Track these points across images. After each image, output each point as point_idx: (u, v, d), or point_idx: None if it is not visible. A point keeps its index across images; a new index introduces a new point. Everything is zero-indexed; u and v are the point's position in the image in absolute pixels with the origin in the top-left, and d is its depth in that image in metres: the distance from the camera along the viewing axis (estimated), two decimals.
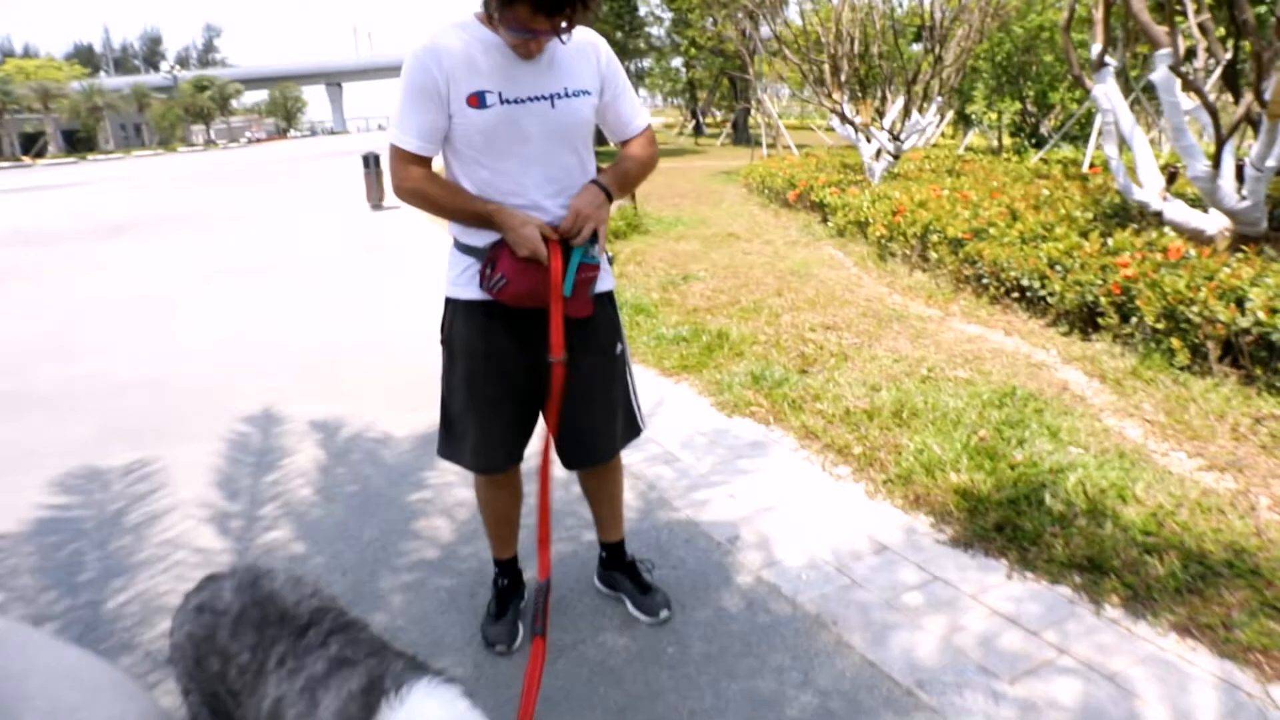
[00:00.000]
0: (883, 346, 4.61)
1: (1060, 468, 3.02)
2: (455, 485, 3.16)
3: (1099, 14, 5.72)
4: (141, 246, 10.43)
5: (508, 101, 1.86)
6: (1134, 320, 4.28)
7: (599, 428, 2.14)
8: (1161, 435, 3.38)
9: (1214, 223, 5.28)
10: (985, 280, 5.36)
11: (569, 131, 1.92)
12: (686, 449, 3.47)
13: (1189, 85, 4.81)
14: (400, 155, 1.93)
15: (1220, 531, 2.58)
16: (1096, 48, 5.77)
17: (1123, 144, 5.78)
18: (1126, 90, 12.48)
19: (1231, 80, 6.09)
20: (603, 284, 2.07)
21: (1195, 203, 5.81)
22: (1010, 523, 2.72)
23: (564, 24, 1.72)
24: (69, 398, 4.58)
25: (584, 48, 1.96)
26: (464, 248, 2.03)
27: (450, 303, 2.07)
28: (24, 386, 4.82)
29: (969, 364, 4.25)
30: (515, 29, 1.75)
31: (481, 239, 1.97)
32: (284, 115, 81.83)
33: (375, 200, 12.87)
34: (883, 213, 7.13)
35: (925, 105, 9.78)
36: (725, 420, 3.77)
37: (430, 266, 7.56)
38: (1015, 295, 5.12)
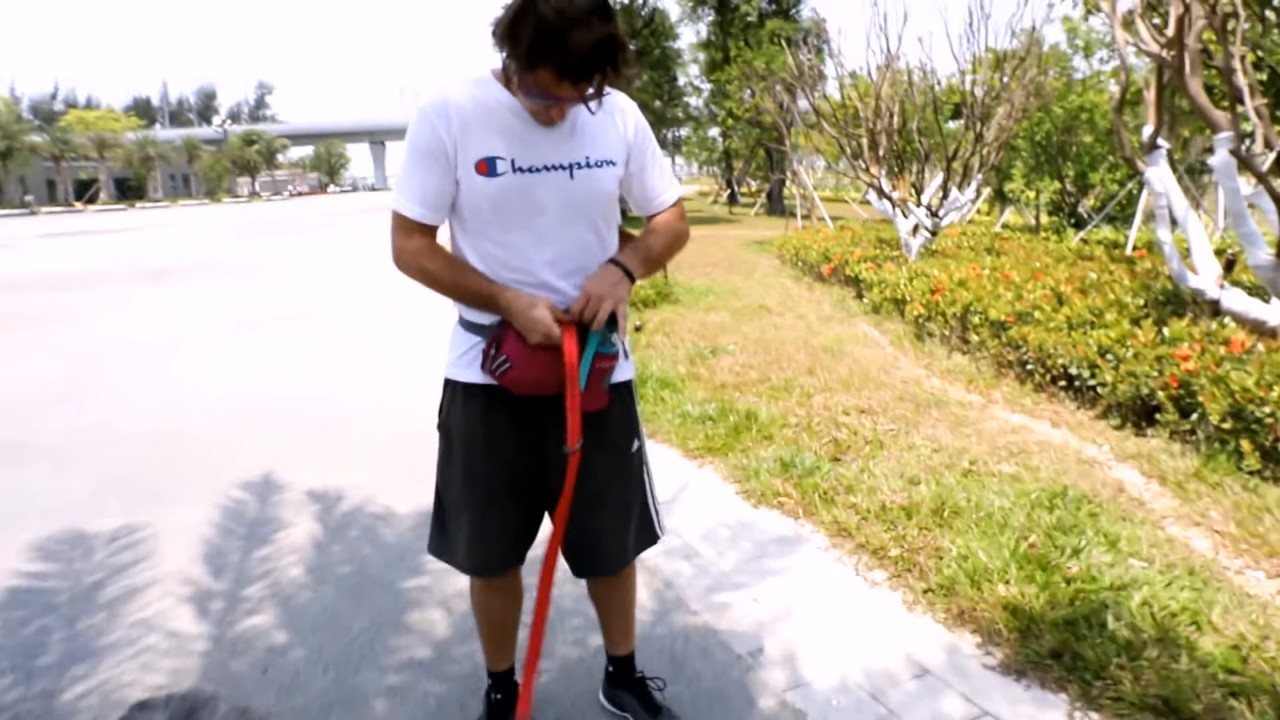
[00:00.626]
0: (921, 434, 4.33)
1: (1122, 584, 2.71)
2: (455, 573, 2.90)
3: (1151, 95, 5.55)
4: (177, 292, 10.48)
5: (521, 170, 1.68)
6: (1194, 417, 3.98)
7: (610, 534, 1.90)
8: (1234, 549, 3.06)
9: (1276, 313, 4.99)
10: (1030, 366, 5.09)
11: (588, 205, 1.73)
12: (708, 542, 3.21)
13: (1250, 168, 4.59)
14: (401, 223, 1.75)
15: None
16: (1149, 129, 5.58)
17: (1175, 226, 5.55)
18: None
19: None
20: (620, 374, 1.86)
21: (1254, 291, 5.52)
22: (1069, 649, 2.41)
23: (591, 90, 1.54)
24: (72, 447, 4.43)
25: (611, 112, 1.79)
26: (469, 325, 1.83)
27: (450, 385, 1.87)
28: (29, 434, 4.69)
29: (1014, 458, 3.96)
30: (537, 95, 1.56)
31: (489, 316, 1.78)
32: (327, 170, 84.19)
33: None
34: (920, 291, 6.90)
35: (965, 183, 9.62)
36: (751, 511, 3.50)
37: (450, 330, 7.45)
38: (1063, 384, 4.83)
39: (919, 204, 9.92)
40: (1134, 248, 9.73)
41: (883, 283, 7.77)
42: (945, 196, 9.73)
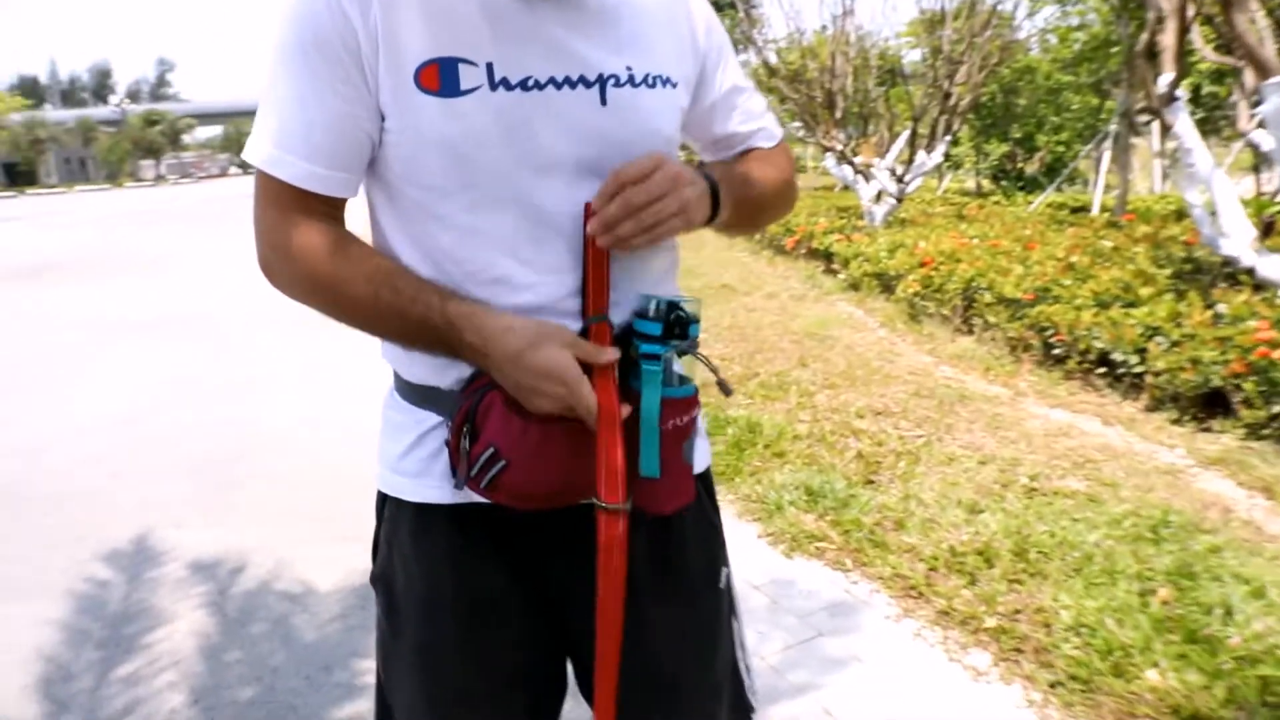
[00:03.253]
0: (956, 441, 3.63)
1: None
2: None
3: (1170, 39, 4.93)
4: (55, 292, 9.14)
5: (506, 85, 0.87)
6: (1278, 410, 3.37)
7: None
8: None
9: None
10: (1057, 350, 4.44)
11: (629, 149, 0.91)
12: (742, 619, 2.42)
13: None
14: (273, 195, 0.92)
15: None
16: (1166, 78, 4.97)
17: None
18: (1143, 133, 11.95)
19: None
20: (699, 455, 1.05)
21: None
22: None
23: None
24: None
25: (665, 2, 0.99)
26: (411, 392, 1.00)
27: (388, 505, 1.04)
28: None
29: (1079, 469, 3.28)
30: None
31: (450, 374, 0.95)
32: (238, 150, 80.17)
33: None
34: (907, 265, 6.23)
35: (932, 145, 9.00)
36: (784, 562, 2.73)
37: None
38: (1101, 371, 4.19)
39: (883, 169, 9.28)
40: (1124, 211, 9.25)
41: (859, 256, 7.08)
42: (911, 160, 9.10)
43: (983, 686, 2.10)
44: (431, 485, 0.97)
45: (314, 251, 0.90)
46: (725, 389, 0.96)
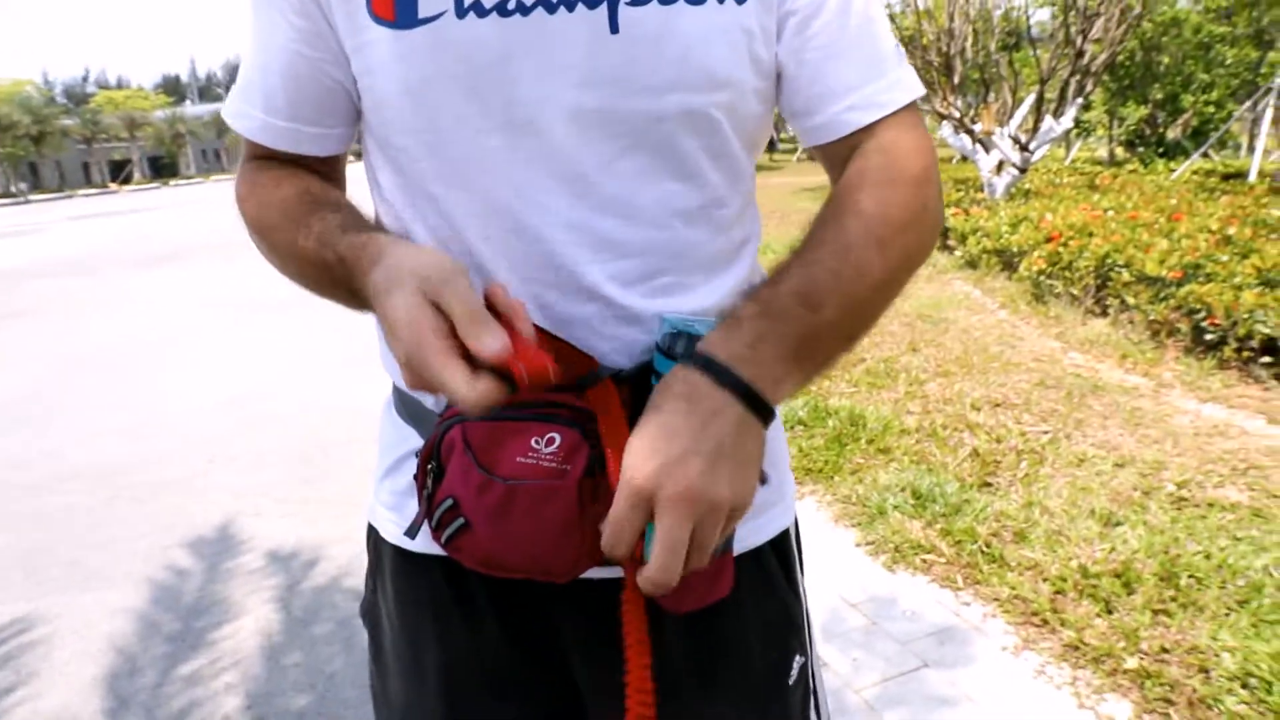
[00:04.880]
0: (1088, 439, 3.22)
1: None
2: None
3: None
4: (188, 274, 9.60)
5: (479, 10, 0.65)
6: None
7: None
8: None
9: None
10: (1210, 336, 3.91)
11: (657, 99, 0.67)
12: (834, 642, 2.15)
13: None
14: (246, 151, 0.80)
15: None
16: None
17: None
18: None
19: None
20: (764, 521, 0.81)
21: None
22: None
23: None
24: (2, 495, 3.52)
25: None
26: (401, 404, 0.82)
27: (372, 536, 0.87)
28: None
29: (1239, 477, 2.83)
30: None
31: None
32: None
33: None
34: (1031, 240, 5.70)
35: (1060, 110, 8.27)
36: (885, 576, 2.45)
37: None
38: (1265, 360, 3.66)
39: (1006, 137, 8.61)
40: (1260, 175, 8.30)
41: (978, 231, 6.56)
42: (1037, 127, 8.40)
43: None
44: (405, 526, 0.77)
45: (256, 193, 0.76)
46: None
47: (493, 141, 0.67)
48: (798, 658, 0.84)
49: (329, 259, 0.65)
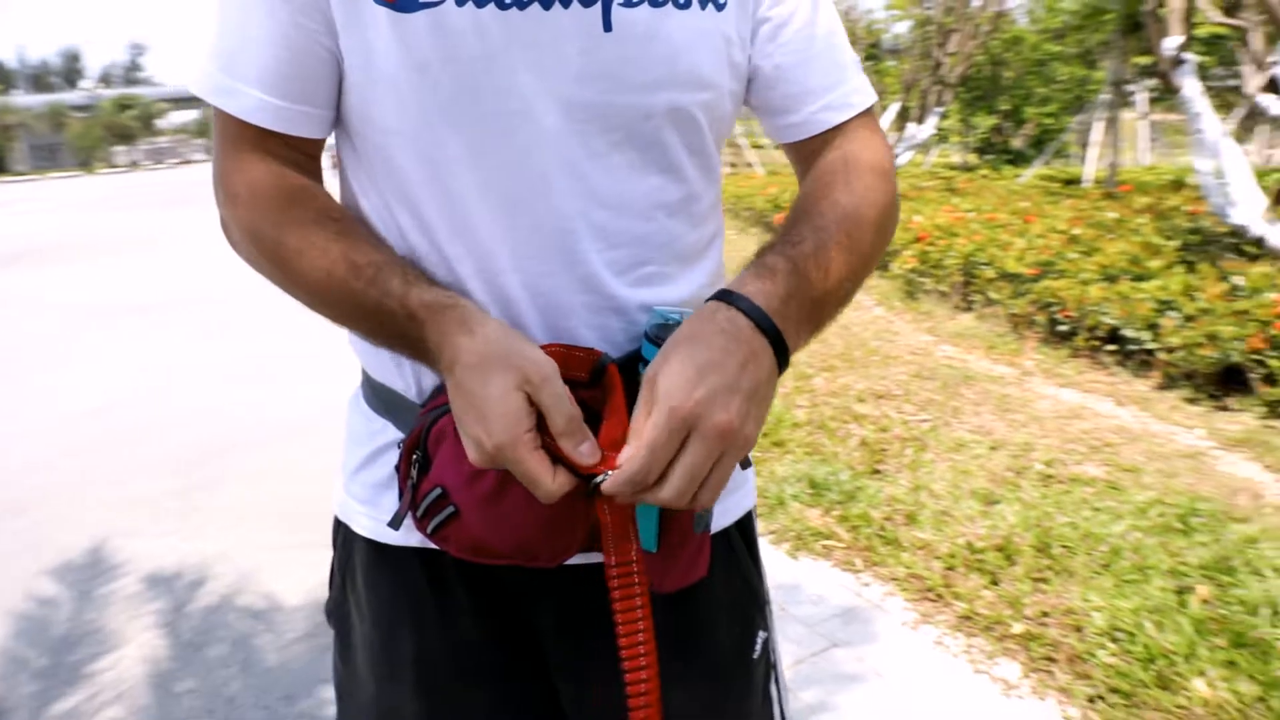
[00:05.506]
0: (964, 425, 3.44)
1: None
2: None
3: (1174, 1, 4.72)
4: (34, 278, 8.80)
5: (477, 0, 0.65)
6: None
7: None
8: None
9: None
10: (1063, 327, 4.26)
11: (647, 100, 0.70)
12: None
13: None
14: (225, 134, 0.72)
15: None
16: (1173, 41, 4.76)
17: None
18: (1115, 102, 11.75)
19: None
20: (736, 503, 0.84)
21: None
22: None
23: None
24: None
25: None
26: (374, 395, 0.80)
27: (342, 532, 0.85)
28: None
29: (1096, 454, 3.10)
30: None
31: (413, 380, 0.75)
32: None
33: None
34: (901, 240, 6.02)
35: (923, 116, 8.77)
36: (789, 563, 2.54)
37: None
38: (1110, 348, 4.01)
39: None
40: (1116, 182, 9.08)
41: None
42: (902, 132, 8.88)
43: (1014, 702, 1.92)
44: (382, 519, 0.76)
45: (260, 202, 0.70)
46: (743, 461, 0.73)
47: (489, 129, 0.67)
48: (761, 633, 0.88)
49: (390, 307, 0.65)
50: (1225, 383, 3.56)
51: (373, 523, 0.78)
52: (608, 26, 0.66)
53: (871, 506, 2.75)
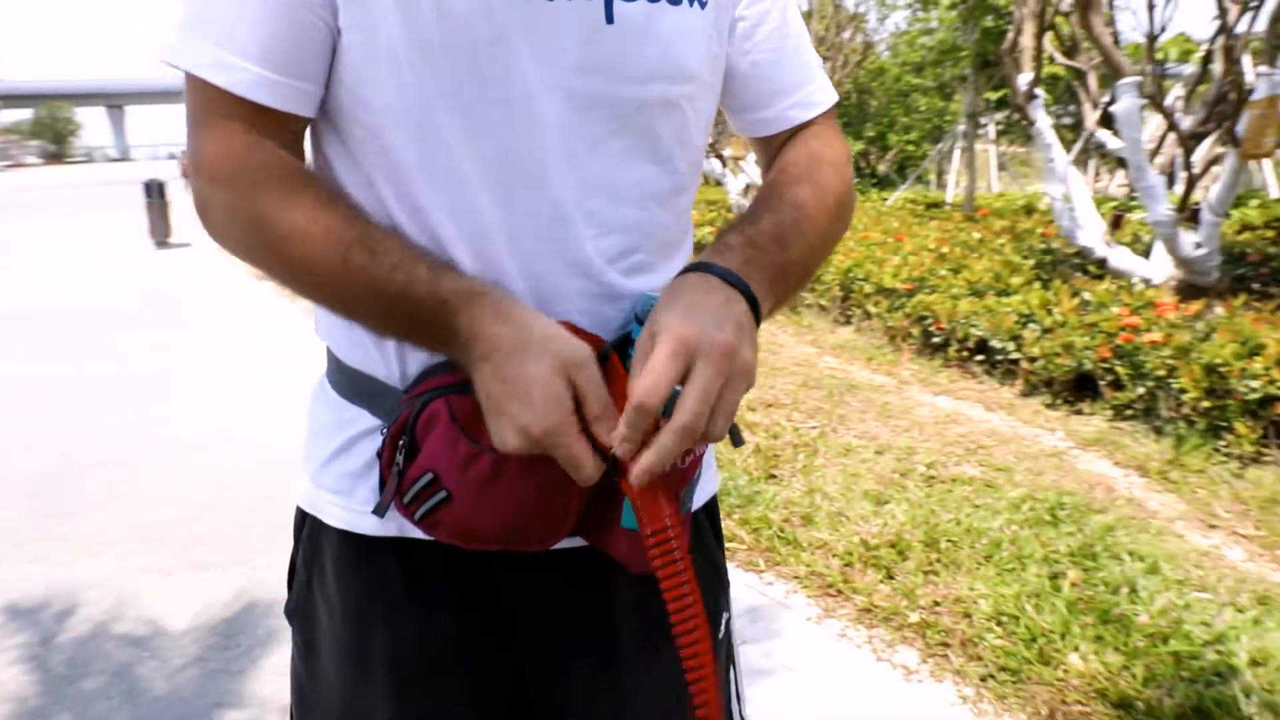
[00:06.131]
0: (851, 431, 3.62)
1: (1218, 634, 2.08)
2: None
3: (1028, 39, 5.15)
4: None
5: None
6: (1142, 391, 3.54)
7: None
8: (1271, 556, 2.56)
9: (1160, 271, 4.76)
10: (936, 339, 4.54)
11: (642, 92, 0.72)
12: None
13: (1162, 111, 4.24)
14: (213, 111, 0.67)
15: None
16: (1025, 77, 5.20)
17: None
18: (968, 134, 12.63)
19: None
20: (702, 487, 0.86)
21: (1131, 248, 5.32)
22: None
23: None
24: None
25: None
26: (346, 383, 0.77)
27: (308, 524, 0.81)
28: None
29: (972, 455, 3.33)
30: None
31: (398, 364, 0.73)
32: (52, 138, 72.80)
33: (160, 236, 10.71)
34: None
35: None
36: None
37: (236, 323, 5.88)
38: (979, 358, 4.31)
39: (753, 163, 9.37)
40: (954, 205, 9.74)
41: None
42: None
43: (914, 686, 2.03)
44: (357, 510, 0.75)
45: (264, 188, 0.66)
46: (736, 438, 0.77)
47: (490, 113, 0.67)
48: (725, 614, 0.90)
49: (417, 294, 0.64)
50: (1079, 389, 3.89)
51: (346, 513, 0.76)
52: (609, 19, 0.68)
53: (770, 510, 2.85)
